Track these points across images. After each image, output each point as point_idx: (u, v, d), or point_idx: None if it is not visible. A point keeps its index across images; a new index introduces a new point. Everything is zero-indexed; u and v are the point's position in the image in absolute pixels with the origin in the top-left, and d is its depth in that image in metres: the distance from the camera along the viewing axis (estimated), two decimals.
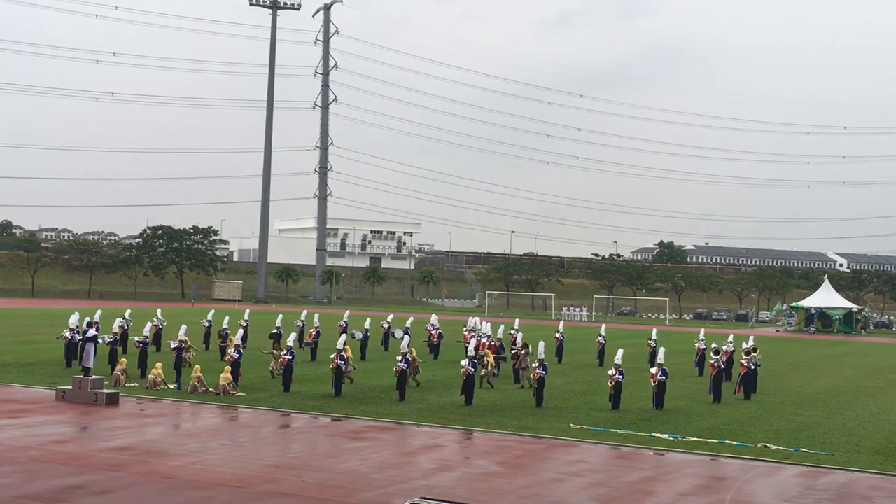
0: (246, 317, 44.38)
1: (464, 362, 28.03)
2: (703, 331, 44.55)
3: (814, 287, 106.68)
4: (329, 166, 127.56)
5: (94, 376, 25.84)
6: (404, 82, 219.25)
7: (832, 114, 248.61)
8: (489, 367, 32.22)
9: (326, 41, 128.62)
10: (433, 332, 44.02)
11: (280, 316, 44.31)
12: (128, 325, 39.45)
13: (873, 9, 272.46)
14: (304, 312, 48.13)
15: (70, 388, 25.52)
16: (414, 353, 31.01)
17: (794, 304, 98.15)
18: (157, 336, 39.91)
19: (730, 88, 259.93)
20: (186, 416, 24.50)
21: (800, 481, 18.65)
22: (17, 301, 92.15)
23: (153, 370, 29.11)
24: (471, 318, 46.75)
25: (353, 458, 19.10)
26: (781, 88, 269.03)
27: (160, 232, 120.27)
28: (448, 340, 44.51)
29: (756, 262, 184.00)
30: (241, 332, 39.74)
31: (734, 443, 22.36)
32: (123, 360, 30.87)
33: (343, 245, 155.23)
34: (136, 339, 33.54)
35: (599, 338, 43.11)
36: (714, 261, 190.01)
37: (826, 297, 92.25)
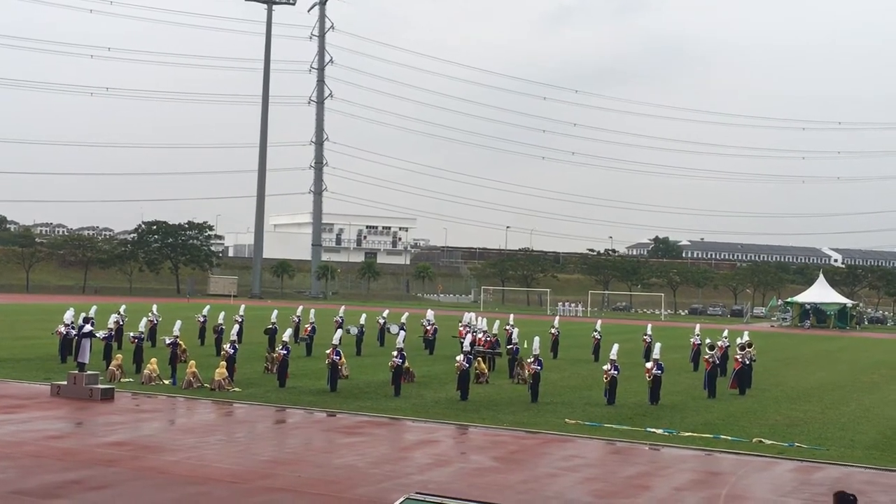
0: (241, 312, 44.34)
1: (459, 358, 28.03)
2: (698, 326, 44.62)
3: (809, 282, 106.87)
4: (324, 161, 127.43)
5: (89, 372, 25.81)
6: (400, 78, 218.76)
7: (827, 109, 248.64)
8: (483, 373, 32.07)
9: (322, 36, 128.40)
10: (428, 328, 44.01)
11: (275, 311, 44.29)
12: (123, 321, 39.38)
13: (870, 7, 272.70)
14: (300, 308, 48.12)
15: (65, 383, 25.48)
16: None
17: (788, 300, 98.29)
18: (153, 331, 39.85)
19: (725, 84, 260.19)
20: (182, 412, 24.50)
21: (794, 476, 18.70)
22: (11, 296, 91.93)
23: (148, 365, 29.08)
24: (466, 313, 46.75)
25: (349, 453, 19.10)
26: (777, 84, 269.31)
27: (155, 227, 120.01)
28: (443, 335, 44.52)
29: (751, 257, 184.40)
30: (236, 327, 39.59)
31: (729, 437, 22.41)
32: (119, 355, 30.85)
33: (338, 240, 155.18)
34: (132, 334, 33.50)
35: (595, 333, 43.15)
36: (709, 256, 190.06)
37: (821, 293, 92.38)
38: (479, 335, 37.18)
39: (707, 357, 31.67)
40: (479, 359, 32.92)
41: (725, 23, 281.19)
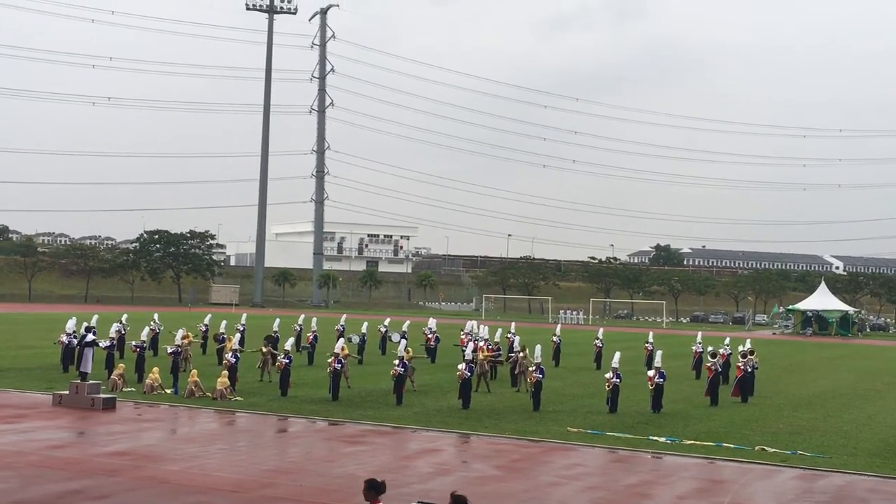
0: (243, 321, 44.35)
1: (461, 366, 28.02)
2: (700, 333, 44.55)
3: (810, 290, 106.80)
4: (326, 170, 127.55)
5: (91, 381, 25.81)
6: (401, 86, 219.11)
7: (828, 117, 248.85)
8: (485, 367, 32.25)
9: (323, 45, 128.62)
10: (430, 336, 44.00)
11: (277, 320, 44.28)
12: (125, 330, 39.38)
13: (871, 11, 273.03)
14: (302, 316, 48.11)
15: (67, 393, 25.48)
16: (411, 353, 31.08)
17: (790, 307, 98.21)
18: (155, 340, 39.86)
19: (727, 91, 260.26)
20: (184, 421, 24.48)
21: (797, 484, 18.68)
22: (13, 306, 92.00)
23: (150, 375, 29.07)
24: (468, 321, 46.75)
25: (351, 462, 19.09)
26: (778, 91, 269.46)
27: (157, 236, 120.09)
28: (445, 344, 44.49)
29: (752, 264, 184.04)
30: (238, 336, 39.73)
31: (731, 445, 22.38)
32: (121, 364, 30.83)
33: (340, 249, 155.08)
34: (134, 343, 33.49)
35: (596, 341, 43.12)
36: (710, 264, 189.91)
37: (822, 300, 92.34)
38: (481, 343, 37.16)
39: (709, 365, 31.63)
40: (482, 346, 33.69)
41: (725, 29, 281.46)
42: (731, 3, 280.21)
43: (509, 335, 42.07)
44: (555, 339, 43.56)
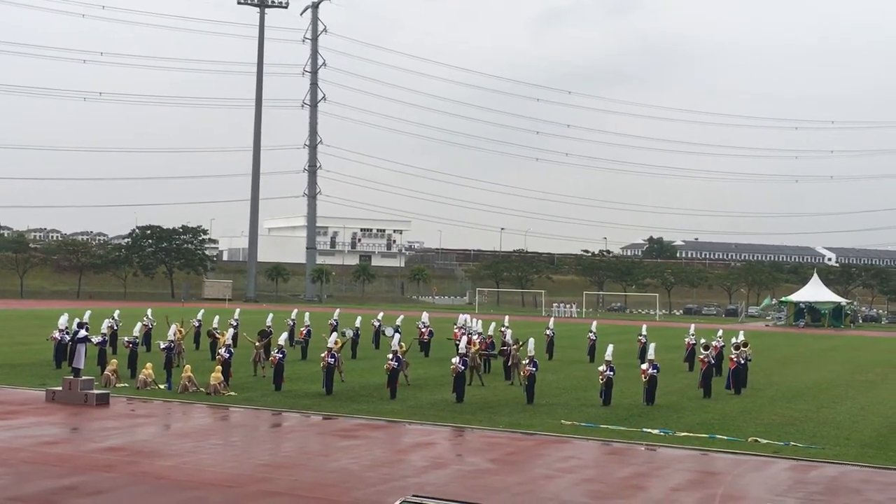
0: (236, 316, 44.28)
1: (455, 360, 28.04)
2: (693, 326, 44.64)
3: (803, 281, 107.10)
4: (318, 164, 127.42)
5: (84, 377, 25.76)
6: (393, 80, 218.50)
7: (820, 109, 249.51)
8: (477, 360, 32.26)
9: (315, 39, 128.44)
10: (423, 330, 43.99)
11: (270, 315, 44.20)
12: (117, 326, 39.29)
13: (863, 5, 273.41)
14: (295, 311, 48.05)
15: (60, 389, 25.43)
16: (404, 347, 31.06)
17: (783, 299, 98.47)
18: (148, 336, 39.78)
19: (718, 84, 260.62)
20: (177, 416, 24.44)
21: (790, 475, 18.73)
22: (6, 302, 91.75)
23: (143, 370, 29.02)
24: (461, 315, 46.74)
25: (345, 456, 19.09)
26: (769, 84, 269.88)
27: (149, 232, 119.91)
28: (439, 338, 44.49)
29: (745, 257, 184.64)
30: (231, 331, 39.71)
31: (725, 437, 22.43)
32: (114, 360, 30.75)
33: (333, 243, 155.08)
34: (126, 339, 33.42)
35: (590, 334, 43.17)
36: (703, 256, 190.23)
37: (815, 292, 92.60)
38: (475, 337, 37.13)
39: (702, 357, 31.69)
40: (475, 339, 33.72)
41: (718, 23, 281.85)
42: None
43: (503, 329, 42.08)
44: (548, 332, 43.59)
